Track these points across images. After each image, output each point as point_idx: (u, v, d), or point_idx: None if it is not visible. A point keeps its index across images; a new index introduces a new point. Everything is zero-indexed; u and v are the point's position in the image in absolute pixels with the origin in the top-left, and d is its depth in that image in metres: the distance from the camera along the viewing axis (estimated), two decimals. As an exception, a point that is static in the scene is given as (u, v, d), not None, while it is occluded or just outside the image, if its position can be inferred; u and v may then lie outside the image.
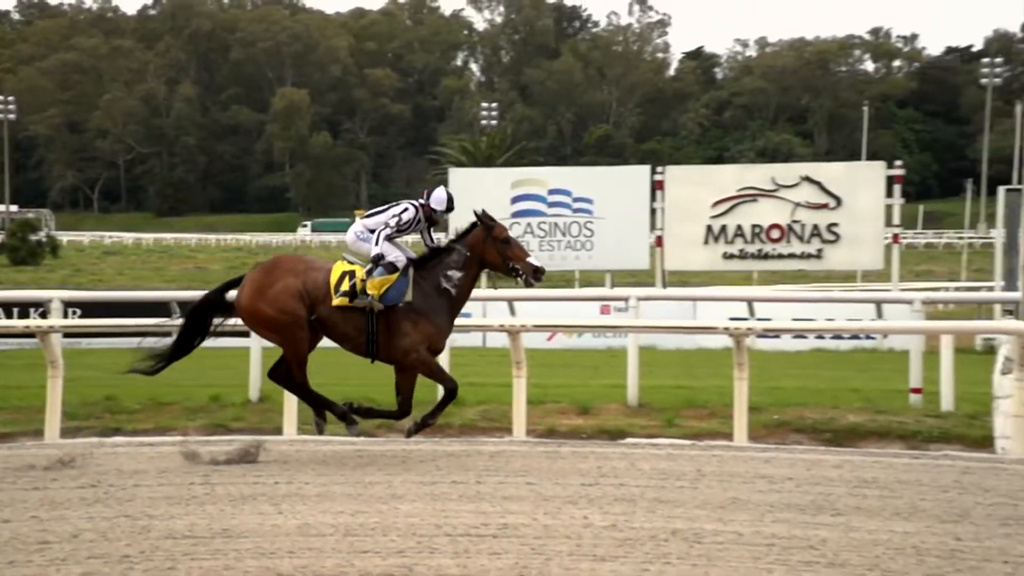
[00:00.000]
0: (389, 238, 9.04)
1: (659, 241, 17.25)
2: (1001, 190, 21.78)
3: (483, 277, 9.51)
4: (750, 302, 18.75)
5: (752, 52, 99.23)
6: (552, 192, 18.78)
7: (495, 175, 22.03)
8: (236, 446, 8.94)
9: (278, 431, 10.39)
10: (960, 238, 51.37)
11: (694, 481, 7.90)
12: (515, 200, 18.84)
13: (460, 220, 10.71)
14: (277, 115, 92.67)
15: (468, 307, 16.28)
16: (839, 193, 16.69)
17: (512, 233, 18.66)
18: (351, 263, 8.93)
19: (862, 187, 16.57)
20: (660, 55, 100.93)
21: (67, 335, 13.28)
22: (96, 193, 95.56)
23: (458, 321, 9.37)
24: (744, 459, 8.80)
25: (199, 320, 9.21)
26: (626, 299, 13.27)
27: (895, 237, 16.04)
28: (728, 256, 17.34)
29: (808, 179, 17.04)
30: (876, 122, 75.04)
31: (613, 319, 17.05)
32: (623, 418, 11.07)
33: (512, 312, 15.81)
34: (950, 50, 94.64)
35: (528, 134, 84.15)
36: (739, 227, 17.14)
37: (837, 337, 18.32)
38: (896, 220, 15.68)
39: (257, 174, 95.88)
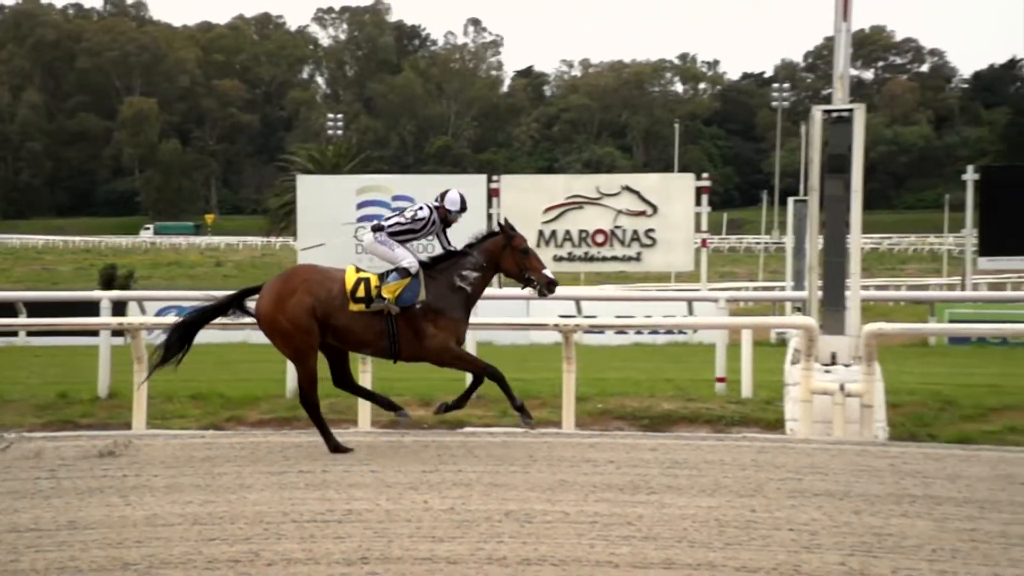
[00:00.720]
0: (402, 242, 8.89)
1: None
2: (791, 201, 22.73)
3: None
4: (578, 301, 19.06)
5: (577, 72, 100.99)
6: (396, 198, 18.58)
7: (341, 182, 21.65)
8: (103, 441, 8.61)
9: (127, 426, 10.04)
10: (757, 243, 53.33)
11: (526, 466, 7.96)
12: (360, 206, 18.62)
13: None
14: (125, 122, 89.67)
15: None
16: (655, 201, 17.04)
17: (358, 237, 18.64)
18: (362, 270, 8.76)
19: (675, 196, 16.95)
20: (494, 73, 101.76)
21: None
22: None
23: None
24: (571, 445, 8.90)
25: (211, 315, 8.94)
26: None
27: (703, 242, 16.44)
28: (558, 258, 17.48)
29: (628, 188, 17.33)
30: (686, 138, 77.30)
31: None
32: (461, 410, 11.08)
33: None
34: (746, 75, 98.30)
35: (372, 144, 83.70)
36: (567, 232, 17.32)
37: (654, 332, 18.80)
38: (704, 226, 16.09)
39: (106, 179, 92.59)
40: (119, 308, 14.79)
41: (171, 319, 9.82)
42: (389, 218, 9.11)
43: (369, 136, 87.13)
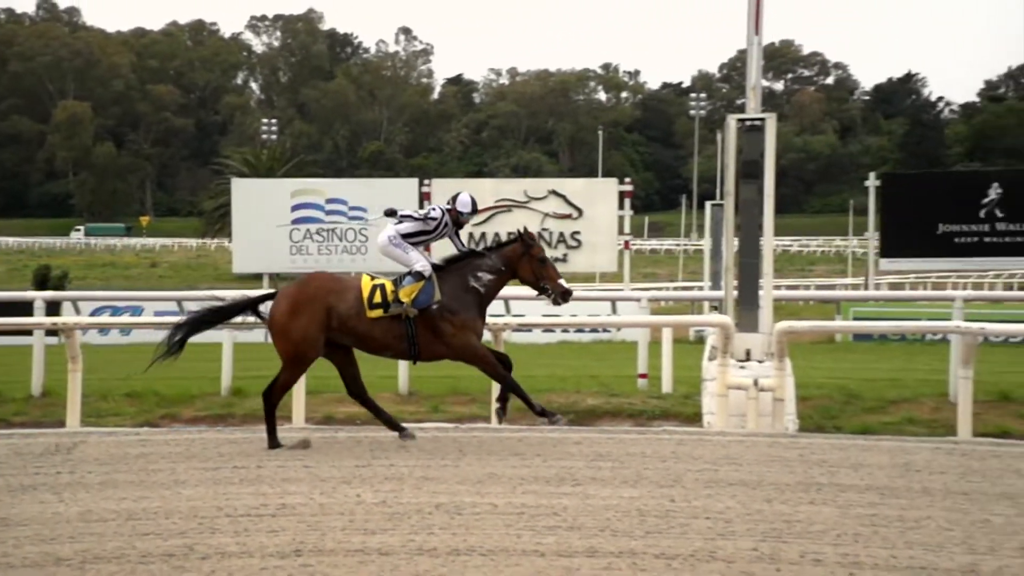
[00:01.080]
0: (415, 244, 8.79)
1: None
2: (708, 205, 23.03)
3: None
4: (507, 300, 19.06)
5: (505, 80, 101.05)
6: (330, 201, 18.60)
7: (276, 185, 21.56)
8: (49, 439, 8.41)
9: (61, 424, 9.83)
10: (677, 245, 53.90)
11: (456, 460, 7.95)
12: (295, 208, 18.55)
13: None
14: (59, 126, 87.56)
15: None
16: (581, 205, 17.20)
17: (293, 238, 18.61)
18: (375, 277, 8.62)
19: (599, 200, 17.14)
20: (425, 80, 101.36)
21: None
22: None
23: (243, 319, 9.07)
24: (499, 439, 8.91)
25: (225, 315, 8.85)
26: (396, 298, 13.25)
27: (626, 244, 16.64)
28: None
29: (555, 192, 17.49)
30: (609, 144, 77.90)
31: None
32: (394, 405, 11.02)
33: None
34: (665, 85, 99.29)
35: (306, 148, 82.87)
36: (497, 234, 17.39)
37: (579, 331, 18.89)
38: (627, 229, 16.28)
39: (39, 181, 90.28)
40: (53, 308, 14.49)
41: (113, 319, 9.68)
42: (401, 221, 8.96)
43: (303, 141, 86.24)
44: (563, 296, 8.71)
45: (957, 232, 14.04)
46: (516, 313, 17.42)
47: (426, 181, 18.06)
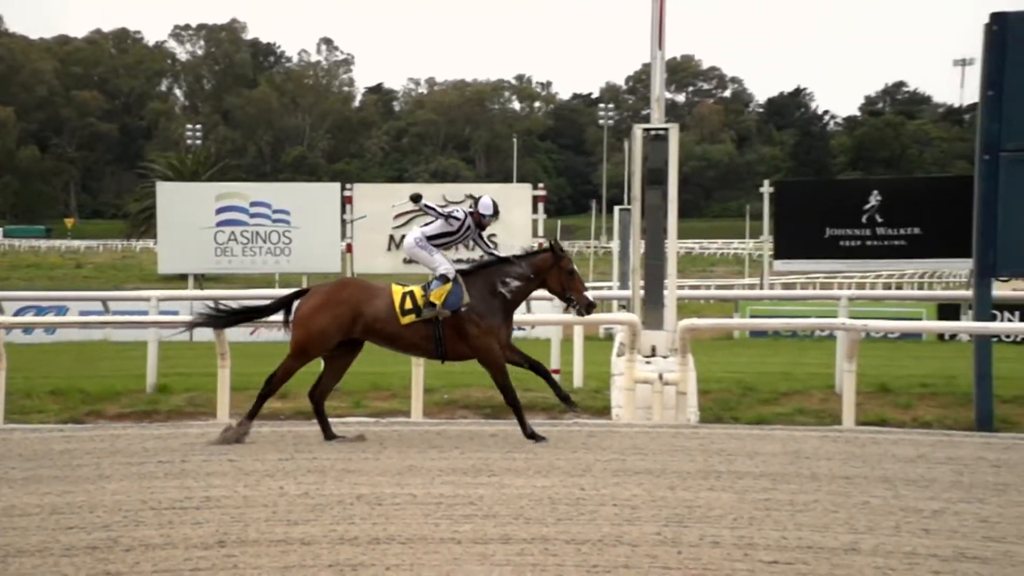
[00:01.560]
0: (439, 246, 8.67)
1: (349, 248, 17.20)
2: (616, 209, 23.25)
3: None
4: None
5: (424, 89, 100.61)
6: (254, 204, 18.32)
7: (201, 189, 21.11)
8: None
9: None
10: (588, 247, 54.27)
11: (377, 453, 7.91)
12: (219, 211, 18.23)
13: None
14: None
15: (175, 305, 15.62)
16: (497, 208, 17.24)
17: (218, 240, 18.27)
18: (403, 285, 8.51)
19: (514, 204, 17.13)
20: (346, 89, 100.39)
21: None
22: None
23: (168, 318, 8.92)
24: (419, 433, 8.89)
25: (271, 310, 8.75)
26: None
27: (540, 246, 16.71)
28: (408, 261, 17.47)
29: (472, 196, 17.43)
30: (523, 151, 78.07)
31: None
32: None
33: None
34: (576, 96, 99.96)
35: (230, 153, 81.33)
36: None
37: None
38: (540, 232, 16.29)
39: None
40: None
41: (37, 319, 9.43)
42: (426, 224, 8.85)
43: (227, 146, 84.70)
44: (587, 308, 8.65)
45: (842, 236, 14.37)
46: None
47: (348, 186, 17.84)
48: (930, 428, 9.61)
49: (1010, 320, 16.86)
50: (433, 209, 8.88)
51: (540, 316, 14.94)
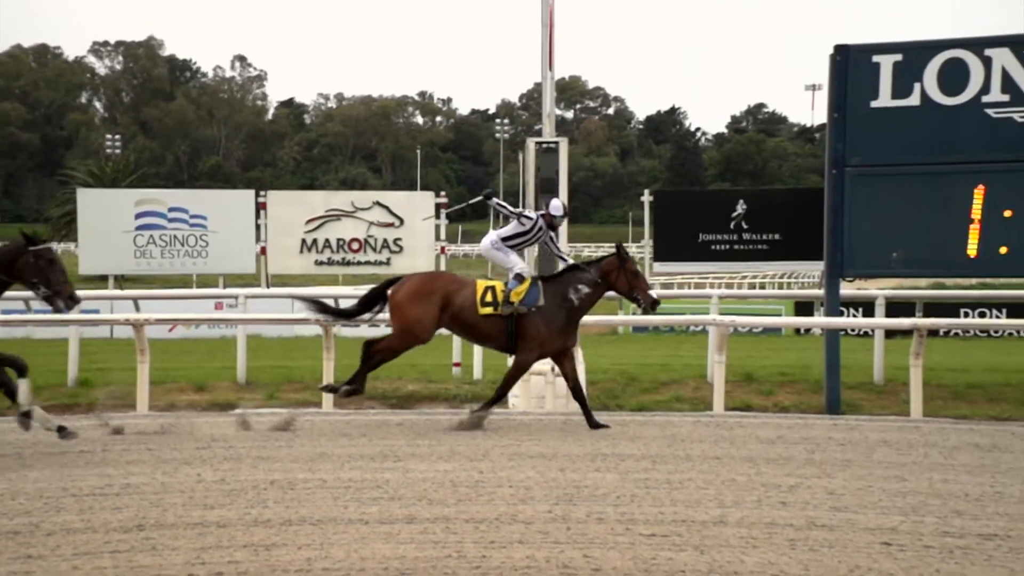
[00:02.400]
0: (514, 247, 8.52)
1: (263, 250, 16.92)
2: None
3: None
4: (336, 299, 18.71)
5: (333, 104, 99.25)
6: (172, 210, 17.87)
7: (120, 195, 20.42)
8: None
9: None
10: (488, 250, 54.20)
11: (290, 441, 7.79)
12: (139, 216, 17.73)
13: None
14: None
15: (96, 304, 15.09)
16: (402, 215, 17.15)
17: (137, 243, 17.72)
18: (488, 279, 8.44)
19: (419, 210, 17.12)
20: (260, 102, 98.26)
21: None
22: None
23: (89, 316, 8.58)
24: (330, 422, 8.78)
25: (368, 304, 8.64)
26: (236, 297, 12.90)
27: (442, 249, 16.64)
28: (319, 263, 17.28)
29: (379, 203, 17.35)
30: (426, 162, 77.77)
31: (226, 313, 16.50)
32: (233, 393, 10.71)
33: (137, 308, 14.84)
34: (474, 111, 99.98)
35: (149, 162, 78.69)
36: (327, 240, 17.15)
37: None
38: (443, 236, 16.29)
39: None
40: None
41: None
42: (503, 227, 8.76)
43: (146, 155, 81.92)
44: (652, 305, 8.61)
45: (713, 240, 14.69)
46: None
47: (262, 193, 17.56)
48: (788, 412, 9.86)
49: (855, 316, 17.50)
50: (505, 208, 8.85)
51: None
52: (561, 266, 8.99)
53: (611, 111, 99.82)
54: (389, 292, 8.63)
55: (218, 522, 5.46)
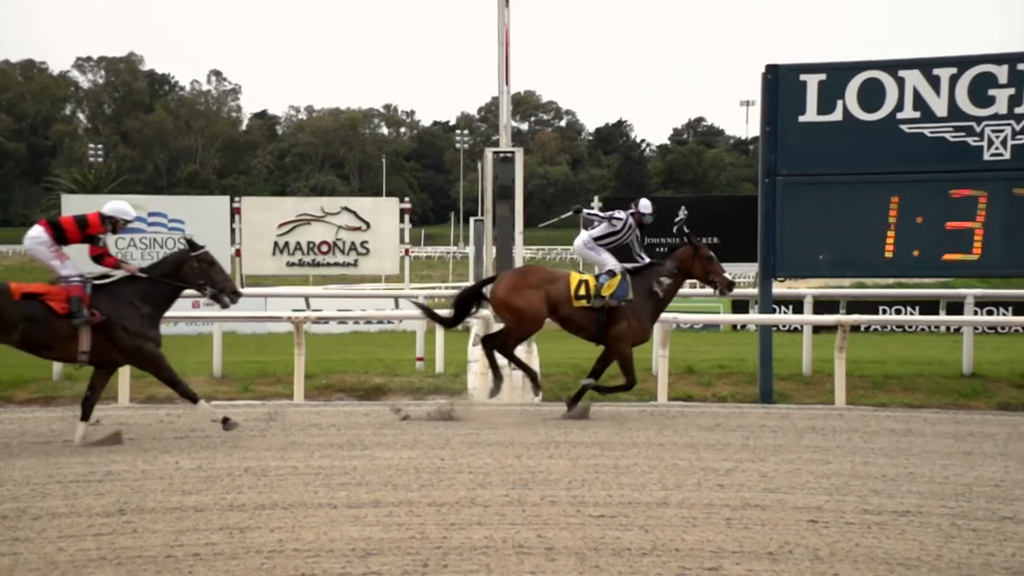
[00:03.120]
0: (605, 245, 8.38)
1: (238, 253, 16.72)
2: (472, 220, 23.34)
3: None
4: (307, 298, 18.64)
5: (303, 115, 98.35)
6: (151, 215, 17.58)
7: (103, 201, 20.13)
8: None
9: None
10: (448, 252, 54.24)
11: (263, 431, 7.71)
12: (119, 220, 17.51)
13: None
14: None
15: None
16: (369, 219, 17.08)
17: (118, 246, 17.38)
18: (581, 273, 8.32)
19: (384, 215, 17.06)
20: (234, 114, 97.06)
21: None
22: None
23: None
24: (301, 413, 8.71)
25: (466, 304, 8.60)
26: (211, 296, 12.70)
27: (406, 251, 16.57)
28: (290, 264, 17.14)
29: (347, 209, 17.24)
30: (391, 170, 77.23)
31: (202, 311, 16.29)
32: (209, 386, 10.54)
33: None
34: (436, 123, 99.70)
35: (130, 170, 77.44)
36: (298, 243, 17.01)
37: (368, 323, 18.67)
38: (406, 239, 16.21)
39: None
40: None
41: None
42: (595, 226, 8.63)
43: (127, 163, 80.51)
44: (728, 287, 8.51)
45: (657, 244, 14.78)
46: (315, 308, 17.11)
47: (236, 199, 17.37)
48: (725, 402, 9.96)
49: (786, 313, 17.74)
50: (596, 215, 8.79)
51: (407, 311, 14.85)
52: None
53: (563, 123, 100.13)
54: (487, 291, 8.63)
55: (195, 507, 5.40)
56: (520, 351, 9.77)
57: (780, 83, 9.95)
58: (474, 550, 4.66)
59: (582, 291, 8.43)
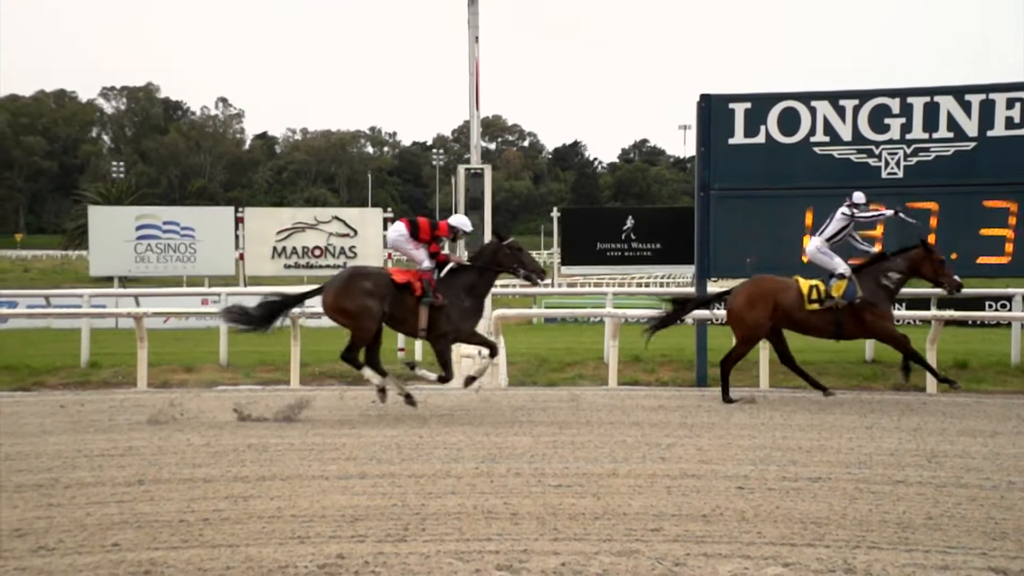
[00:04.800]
0: (834, 244, 8.15)
1: (241, 256, 16.58)
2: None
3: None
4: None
5: (299, 136, 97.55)
6: (166, 223, 17.52)
7: (124, 211, 19.76)
8: None
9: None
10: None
11: (263, 412, 7.63)
12: (139, 228, 17.40)
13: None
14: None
15: (104, 300, 14.53)
16: (356, 227, 17.05)
17: (137, 251, 17.22)
18: (809, 279, 8.06)
19: (370, 224, 17.06)
20: (239, 135, 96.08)
21: None
22: None
23: (97, 310, 8.25)
24: (296, 397, 8.60)
25: (686, 308, 8.44)
26: (219, 294, 12.60)
27: (389, 255, 16.53)
28: (287, 266, 17.06)
29: (337, 218, 17.20)
30: (376, 184, 76.91)
31: (210, 308, 16.10)
32: (216, 373, 10.42)
33: (137, 303, 14.39)
34: (415, 143, 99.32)
35: (147, 184, 76.08)
36: (294, 248, 16.95)
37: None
38: (389, 245, 16.15)
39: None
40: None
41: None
42: (823, 230, 8.42)
43: (145, 178, 79.21)
44: (957, 288, 8.23)
45: (608, 248, 14.83)
46: (309, 305, 16.92)
47: (240, 209, 17.28)
48: (667, 386, 9.97)
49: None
50: (831, 230, 8.44)
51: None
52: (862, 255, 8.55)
53: (526, 143, 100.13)
54: (726, 301, 8.50)
55: (204, 478, 5.34)
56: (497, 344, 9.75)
57: (712, 110, 10.03)
58: (448, 516, 4.65)
59: (814, 295, 8.18)
